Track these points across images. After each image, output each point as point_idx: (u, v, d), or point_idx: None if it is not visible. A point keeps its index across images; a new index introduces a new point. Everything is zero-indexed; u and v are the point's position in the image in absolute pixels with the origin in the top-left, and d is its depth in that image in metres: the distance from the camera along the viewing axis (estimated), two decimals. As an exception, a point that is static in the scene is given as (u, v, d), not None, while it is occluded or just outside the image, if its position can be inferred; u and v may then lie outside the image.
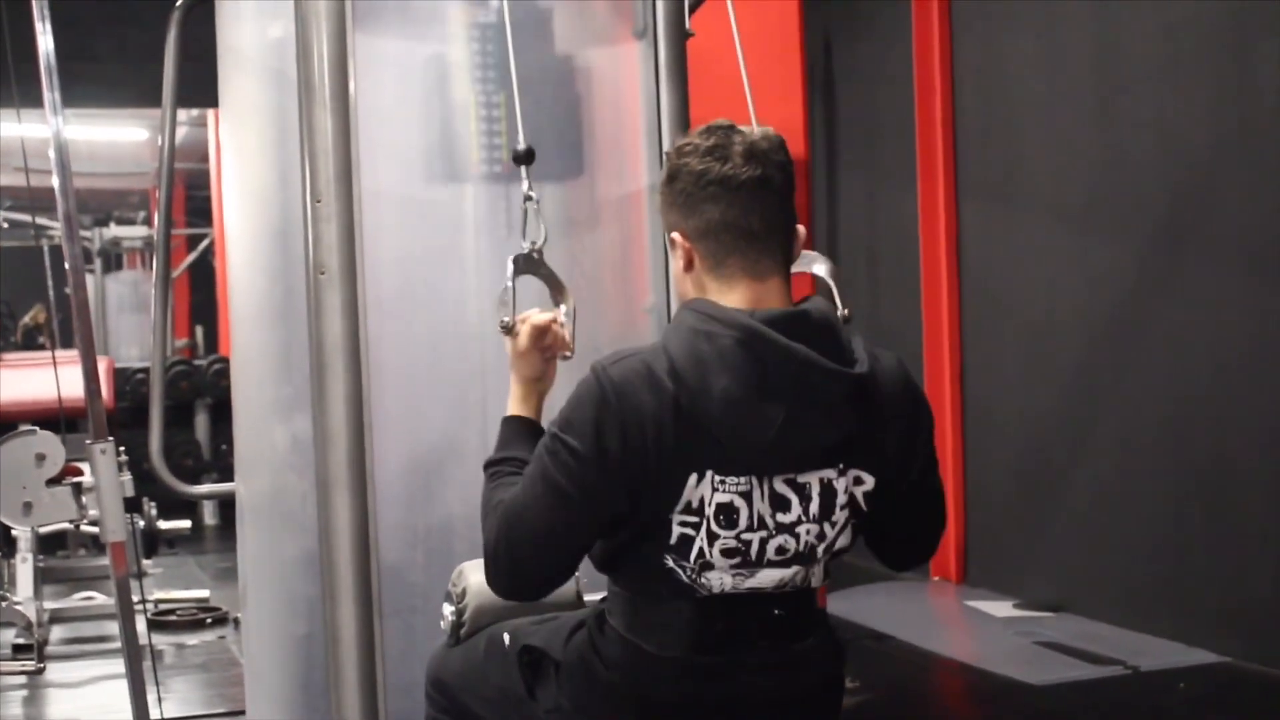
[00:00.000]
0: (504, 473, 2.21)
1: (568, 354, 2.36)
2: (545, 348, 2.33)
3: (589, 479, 2.01)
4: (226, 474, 8.22)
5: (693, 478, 2.00)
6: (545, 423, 2.23)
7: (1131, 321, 5.52)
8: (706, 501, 2.01)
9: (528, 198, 2.53)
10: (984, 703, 4.88)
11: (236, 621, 5.89)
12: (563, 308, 2.43)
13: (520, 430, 2.30)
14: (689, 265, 2.11)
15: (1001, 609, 5.94)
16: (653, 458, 1.99)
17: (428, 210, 3.20)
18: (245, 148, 3.39)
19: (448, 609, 2.52)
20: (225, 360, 10.17)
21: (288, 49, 2.88)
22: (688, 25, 3.33)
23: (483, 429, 3.12)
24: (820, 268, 2.53)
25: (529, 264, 2.49)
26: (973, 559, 6.53)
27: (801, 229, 2.15)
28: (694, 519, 2.02)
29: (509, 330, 2.33)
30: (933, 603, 6.42)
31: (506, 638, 2.34)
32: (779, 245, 2.10)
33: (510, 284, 2.39)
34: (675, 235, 2.12)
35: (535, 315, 2.34)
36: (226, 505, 7.09)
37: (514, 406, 2.33)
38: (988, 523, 6.45)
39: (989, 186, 6.41)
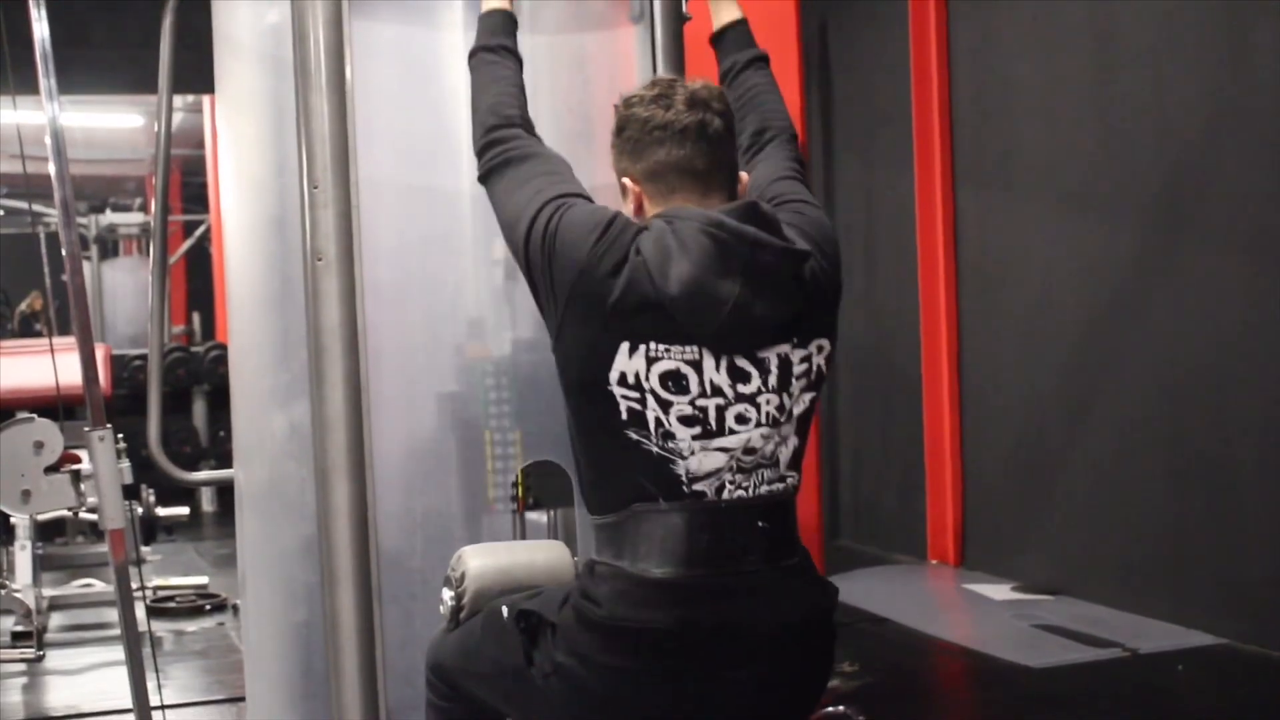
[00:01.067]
0: (496, 63, 2.54)
1: None
2: None
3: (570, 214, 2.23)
4: (224, 461, 8.24)
5: (624, 346, 2.14)
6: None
7: (1128, 304, 5.52)
8: (643, 375, 2.13)
9: None
10: (982, 685, 4.89)
11: (235, 608, 5.90)
12: None
13: (500, 20, 2.60)
14: (639, 208, 2.26)
15: (1000, 592, 5.95)
16: (596, 293, 2.14)
17: (425, 196, 3.19)
18: (242, 134, 3.38)
19: (447, 594, 2.53)
20: (222, 347, 10.18)
21: (284, 35, 2.87)
22: (685, 10, 3.33)
23: (482, 414, 3.13)
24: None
25: None
26: (971, 542, 6.54)
27: (745, 175, 2.32)
28: (634, 393, 2.14)
29: None
30: (931, 586, 6.44)
31: (504, 609, 2.37)
32: (724, 185, 2.25)
33: None
34: (625, 180, 2.27)
35: None
36: (224, 492, 7.11)
37: (489, 2, 2.62)
38: (986, 506, 6.46)
39: (985, 171, 6.41)
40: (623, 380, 2.14)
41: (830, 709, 4.20)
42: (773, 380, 2.18)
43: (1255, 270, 4.92)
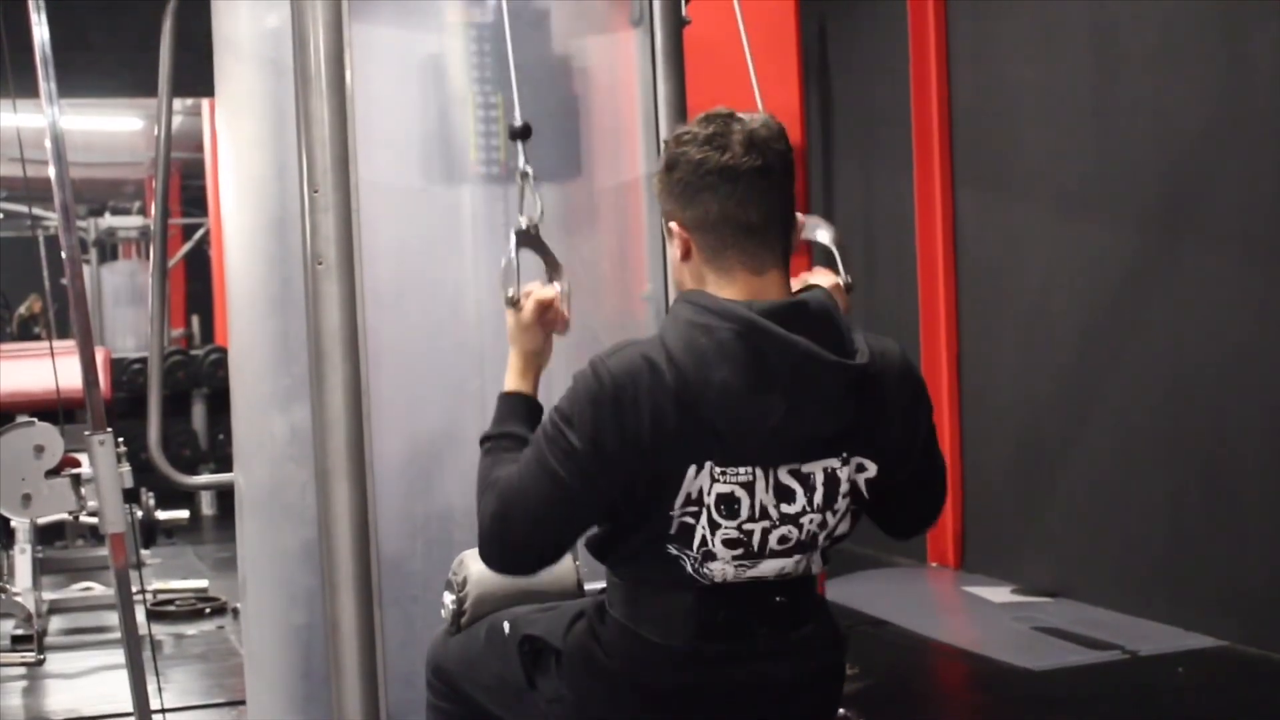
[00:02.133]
0: (501, 448, 2.18)
1: (564, 329, 2.35)
2: (547, 322, 2.31)
3: (587, 470, 2.00)
4: (223, 464, 8.24)
5: (691, 469, 1.99)
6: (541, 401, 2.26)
7: (1128, 306, 5.52)
8: (705, 491, 2.01)
9: (524, 174, 2.50)
10: (982, 688, 4.89)
11: (235, 611, 5.90)
12: (558, 285, 2.40)
13: (518, 406, 2.27)
14: (686, 254, 2.10)
15: (999, 594, 5.95)
16: (651, 451, 1.98)
17: (425, 200, 3.19)
18: (242, 138, 3.38)
19: (448, 598, 2.52)
20: (222, 350, 10.17)
21: (284, 38, 2.87)
22: (684, 13, 3.33)
23: (481, 418, 3.09)
24: (824, 234, 2.50)
25: (527, 239, 2.46)
26: (971, 544, 6.54)
27: (801, 217, 2.15)
28: (694, 509, 2.01)
29: (514, 304, 2.31)
30: (931, 588, 6.44)
31: (507, 626, 2.34)
32: (778, 238, 2.08)
33: (513, 257, 2.37)
34: (673, 225, 2.10)
35: (539, 289, 2.32)
36: (224, 495, 7.10)
37: (512, 381, 2.30)
38: (985, 508, 6.46)
39: (985, 172, 6.41)
40: (686, 500, 2.01)
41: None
42: (817, 499, 2.05)
43: (1255, 272, 4.92)
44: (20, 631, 5.61)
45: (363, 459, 2.74)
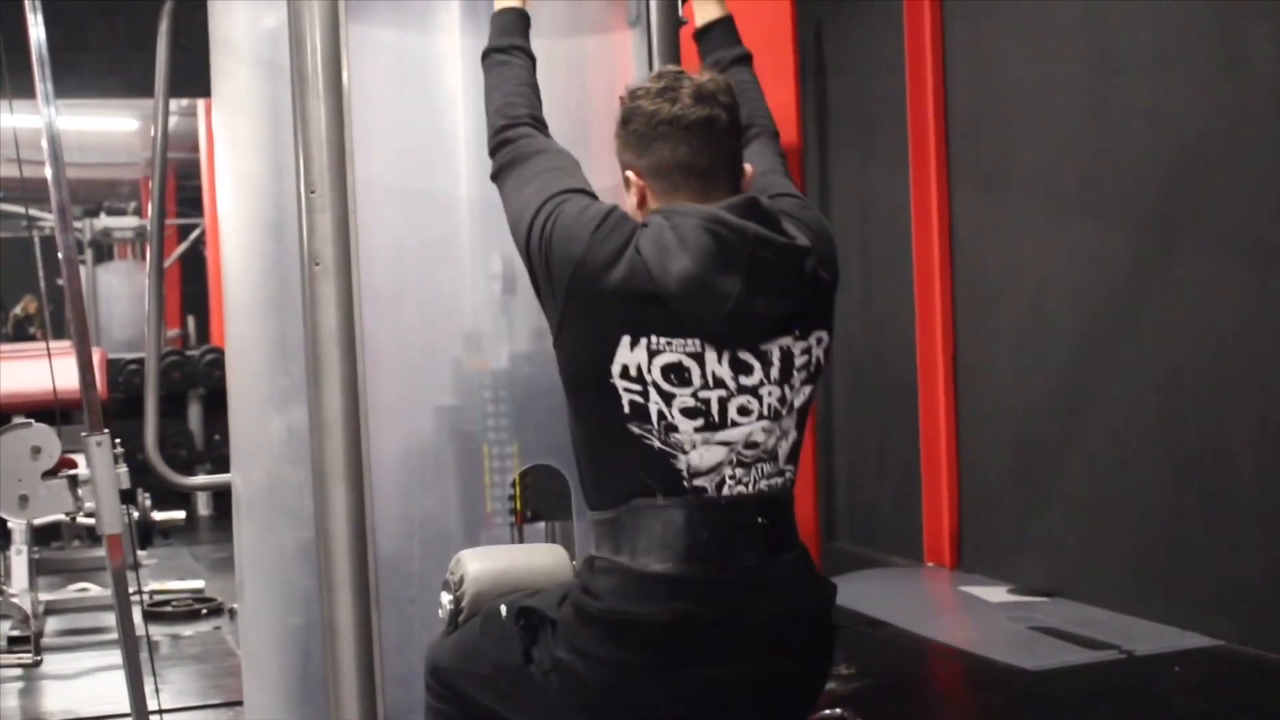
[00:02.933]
0: (507, 63, 2.53)
1: None
2: None
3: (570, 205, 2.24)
4: (219, 464, 8.23)
5: (626, 339, 2.14)
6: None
7: (1123, 307, 5.53)
8: (645, 367, 2.14)
9: None
10: (979, 688, 4.89)
11: (232, 612, 5.90)
12: None
13: (513, 20, 2.59)
14: (641, 202, 2.26)
15: (996, 594, 5.96)
16: (598, 288, 2.15)
17: (422, 200, 3.19)
18: (239, 139, 3.38)
19: (445, 597, 2.52)
20: (218, 350, 10.17)
21: (280, 39, 2.87)
22: (681, 14, 3.33)
23: (480, 418, 3.12)
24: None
25: None
26: (967, 544, 6.55)
27: (749, 167, 2.30)
28: (636, 385, 2.15)
29: None
30: (927, 588, 6.44)
31: (503, 608, 2.37)
32: (727, 181, 2.24)
33: None
34: (629, 174, 2.27)
35: None
36: (220, 496, 7.09)
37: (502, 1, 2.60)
38: (982, 508, 6.46)
39: (981, 172, 6.41)
40: (625, 373, 2.15)
41: (827, 711, 4.22)
42: (774, 372, 2.19)
43: (1250, 273, 4.92)
44: (17, 632, 5.61)
45: (360, 460, 2.75)
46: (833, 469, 7.63)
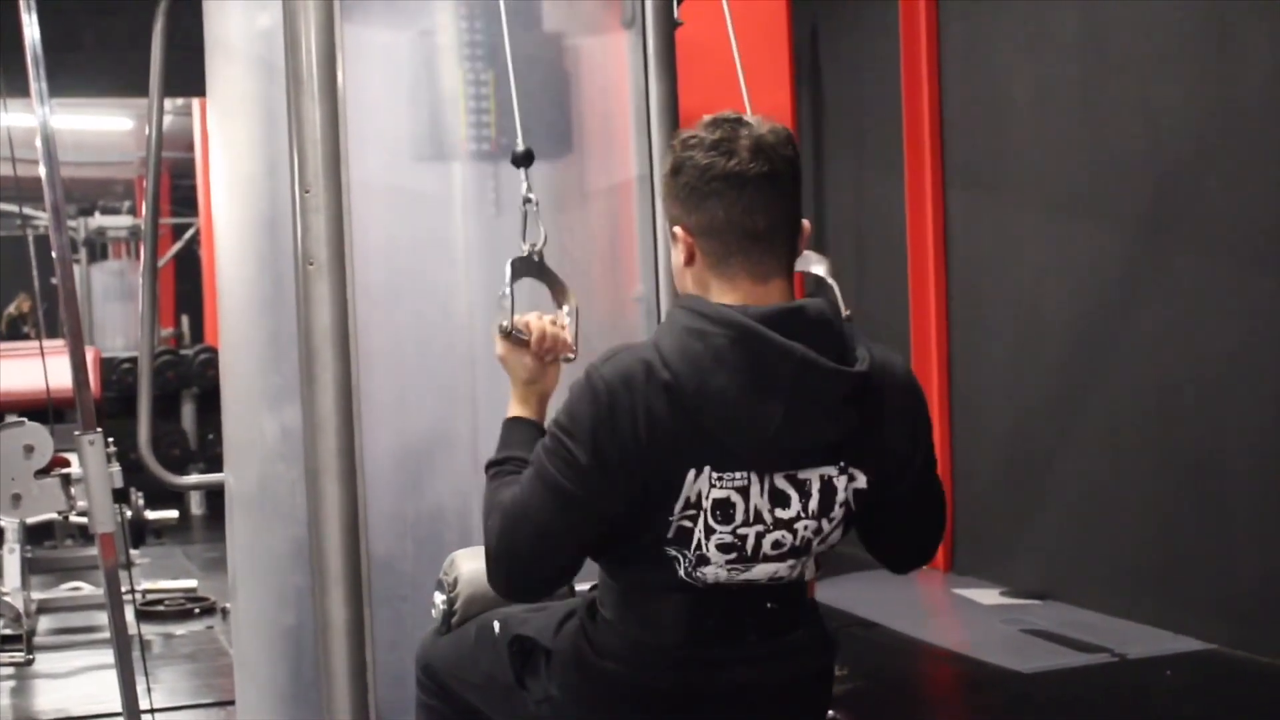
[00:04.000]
0: (506, 472, 2.17)
1: (570, 355, 2.31)
2: (546, 351, 2.29)
3: (589, 480, 1.99)
4: (213, 464, 8.23)
5: (691, 473, 1.98)
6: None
7: (1118, 309, 5.54)
8: (704, 495, 1.99)
9: (527, 200, 2.46)
10: (971, 690, 4.90)
11: (224, 611, 5.89)
12: (565, 308, 2.37)
13: (521, 431, 2.26)
14: (690, 260, 2.07)
15: (989, 597, 5.96)
16: (649, 457, 1.97)
17: (416, 200, 3.19)
18: (233, 138, 3.38)
19: (439, 598, 2.52)
20: (212, 350, 10.16)
21: (275, 39, 2.87)
22: (676, 14, 3.33)
23: (472, 418, 3.13)
24: (819, 268, 2.49)
25: (528, 267, 2.42)
26: (960, 547, 6.55)
27: (806, 224, 2.12)
28: (692, 512, 2.00)
29: (508, 335, 2.28)
30: (920, 591, 6.44)
31: (497, 626, 2.34)
32: (783, 245, 2.06)
33: (509, 289, 2.32)
34: (677, 229, 2.08)
35: (535, 319, 2.30)
36: (213, 495, 7.08)
37: (514, 408, 2.29)
38: (975, 511, 6.47)
39: (976, 175, 6.42)
40: (685, 504, 2.00)
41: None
42: (813, 505, 2.04)
43: (1245, 275, 4.93)
44: (9, 631, 5.60)
45: (353, 459, 2.75)
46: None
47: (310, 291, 2.74)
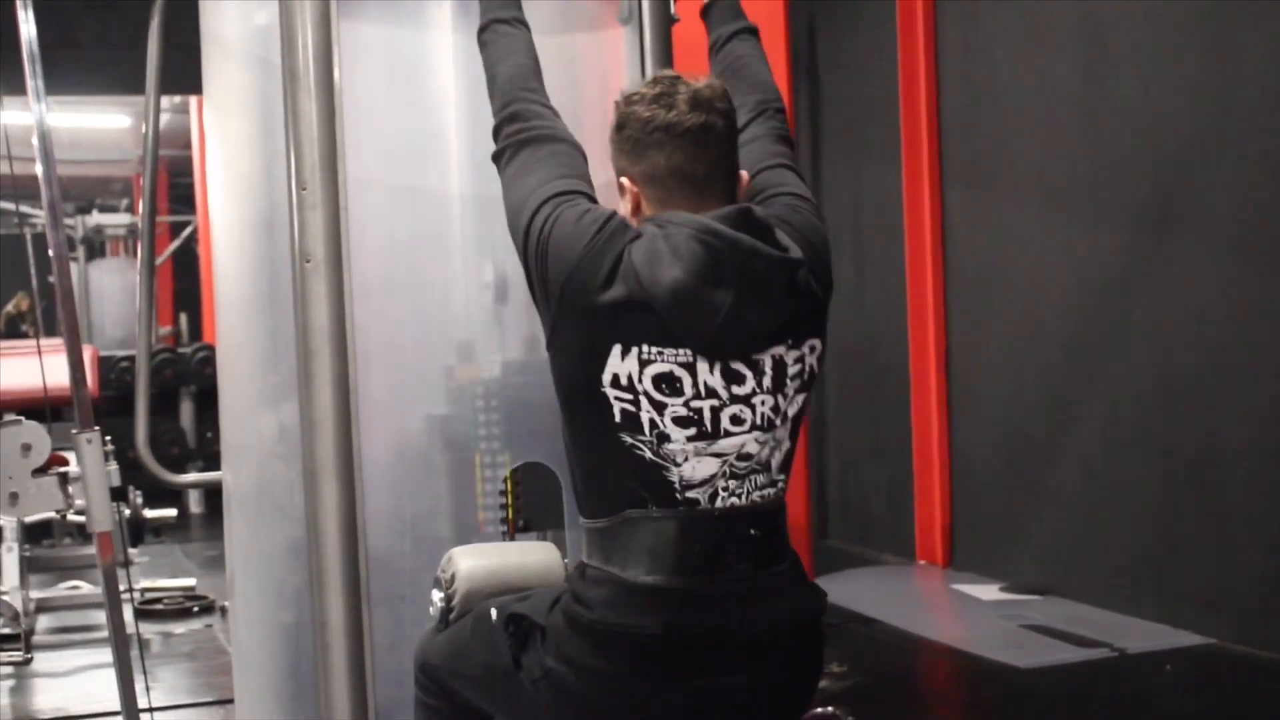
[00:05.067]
0: (511, 35, 2.52)
1: None
2: None
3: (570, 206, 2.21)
4: (211, 462, 8.23)
5: (617, 348, 2.12)
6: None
7: (1116, 304, 5.54)
8: (636, 377, 2.12)
9: None
10: (971, 685, 4.91)
11: (223, 610, 5.90)
12: None
13: None
14: (636, 209, 2.23)
15: (988, 592, 5.97)
16: (595, 304, 2.12)
17: (413, 197, 3.19)
18: (230, 136, 3.37)
19: (436, 595, 2.53)
20: (209, 348, 10.16)
21: (272, 36, 2.87)
22: (673, 11, 3.33)
23: (469, 417, 3.12)
24: None
25: None
26: (959, 543, 6.56)
27: (745, 174, 2.28)
28: (628, 394, 2.13)
29: None
30: (919, 586, 6.46)
31: (493, 611, 2.37)
32: (723, 189, 2.21)
33: None
34: (623, 180, 2.23)
35: None
36: (212, 493, 7.08)
37: None
38: (974, 506, 6.47)
39: (973, 170, 6.42)
40: (615, 382, 2.13)
41: (819, 709, 4.21)
42: (767, 381, 2.16)
43: (1243, 270, 4.93)
44: (8, 630, 5.60)
45: (351, 457, 2.75)
46: (825, 467, 7.64)
47: (308, 289, 2.74)
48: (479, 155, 3.20)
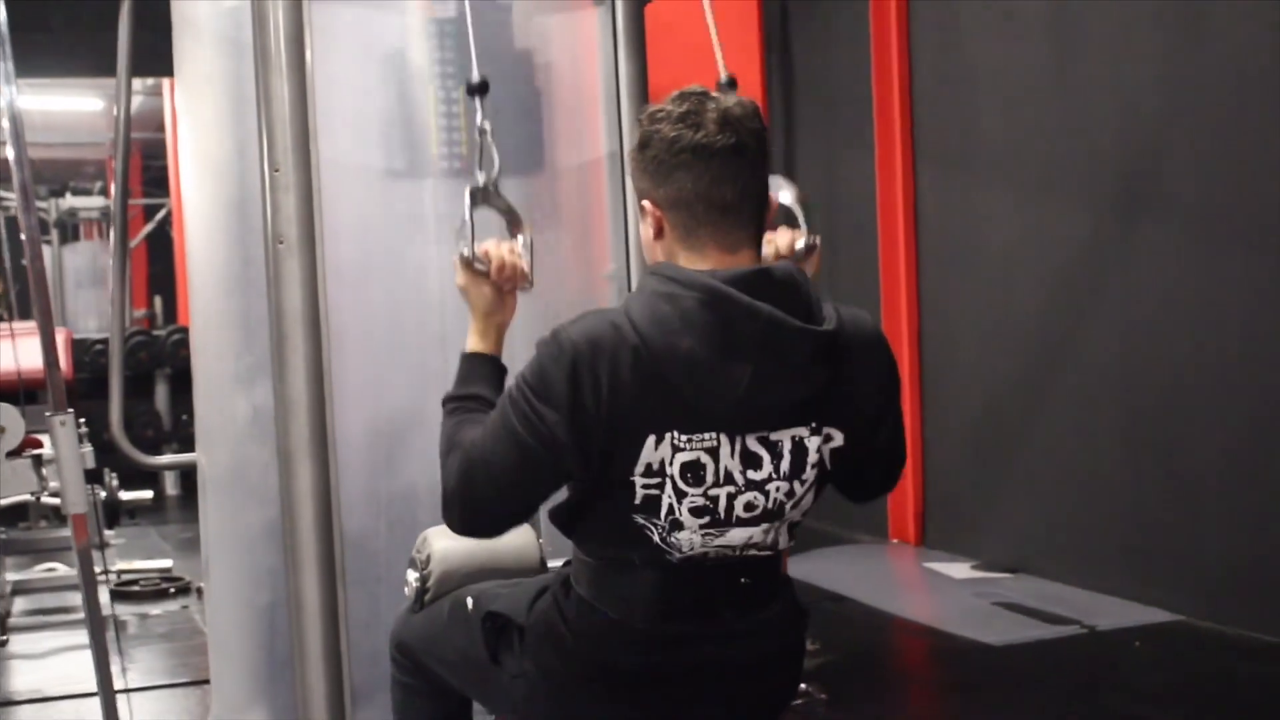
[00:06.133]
0: (466, 409, 2.18)
1: (527, 285, 2.32)
2: (505, 280, 2.30)
3: (551, 436, 2.00)
4: (187, 444, 8.20)
5: (650, 439, 1.98)
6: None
7: (1086, 286, 5.57)
8: (668, 462, 2.00)
9: (482, 131, 2.48)
10: (943, 662, 4.93)
11: (199, 591, 5.89)
12: (520, 239, 2.39)
13: (480, 367, 2.27)
14: (659, 233, 2.09)
15: (960, 570, 6.00)
16: (611, 417, 1.97)
17: (387, 178, 3.20)
18: (202, 117, 3.38)
19: (412, 575, 2.52)
20: (184, 330, 10.12)
21: (243, 18, 2.88)
22: (648, -9, 3.34)
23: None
24: (786, 194, 2.49)
25: (485, 196, 2.45)
26: (931, 521, 6.59)
27: (774, 198, 2.14)
28: (656, 480, 2.01)
29: (469, 264, 2.29)
30: (892, 564, 6.48)
31: (470, 602, 2.35)
32: (751, 216, 2.06)
33: (468, 217, 2.34)
34: (645, 203, 2.09)
35: (494, 247, 2.31)
36: (188, 475, 7.06)
37: (473, 343, 2.30)
38: (946, 485, 6.51)
39: (946, 151, 6.44)
40: (648, 470, 2.01)
41: (792, 687, 4.24)
42: (784, 466, 2.05)
43: (1214, 255, 4.97)
44: (-17, 613, 5.59)
45: (325, 439, 2.76)
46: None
47: (280, 271, 2.75)
48: (453, 136, 3.23)
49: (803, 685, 4.31)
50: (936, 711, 4.56)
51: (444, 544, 2.50)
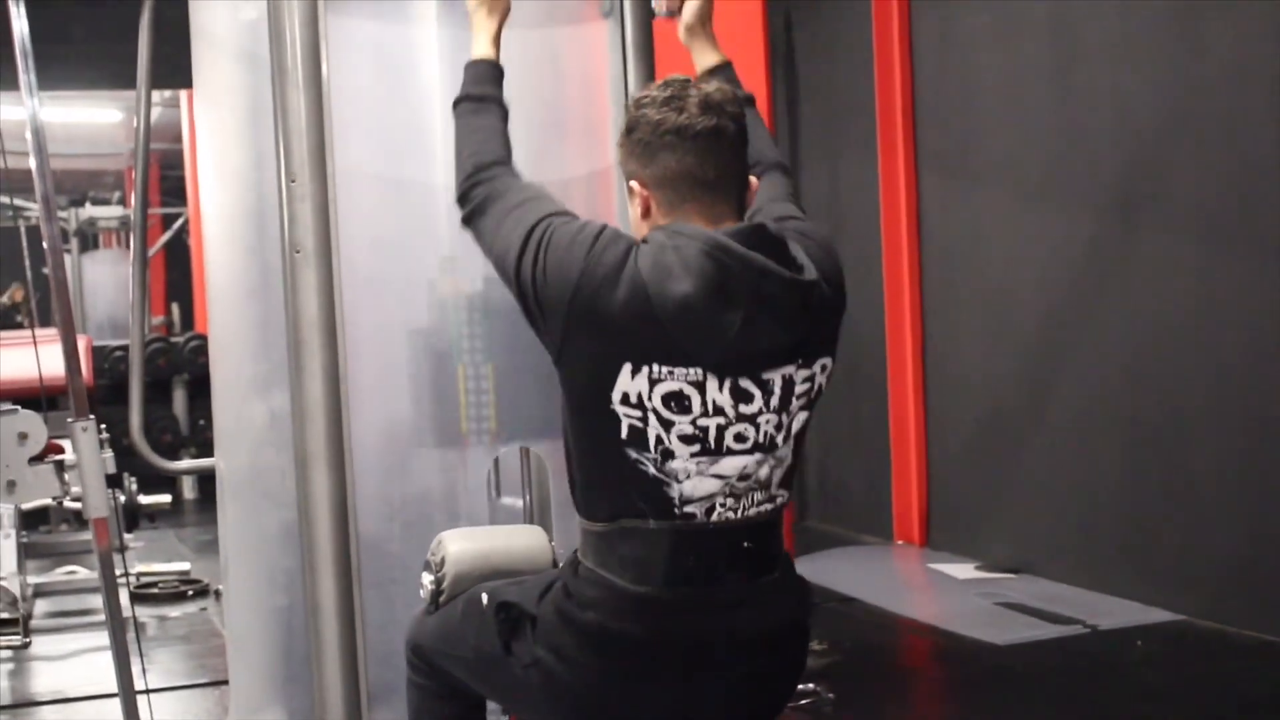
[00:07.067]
0: (479, 111, 2.46)
1: None
2: None
3: (549, 228, 2.19)
4: (204, 449, 8.26)
5: (627, 367, 2.10)
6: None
7: (1087, 290, 5.60)
8: (645, 395, 2.10)
9: None
10: (948, 662, 4.96)
11: (217, 593, 5.94)
12: None
13: (485, 71, 2.52)
14: (646, 212, 2.21)
15: (963, 571, 6.03)
16: (583, 318, 2.10)
17: (400, 188, 3.23)
18: (220, 129, 3.41)
19: (427, 578, 2.55)
20: (202, 337, 10.19)
21: (261, 31, 2.91)
22: (653, 6, 3.38)
23: (457, 402, 3.18)
24: None
25: None
26: (935, 523, 6.62)
27: (754, 180, 2.27)
28: (637, 411, 2.11)
29: None
30: (897, 566, 6.51)
31: (484, 596, 2.39)
32: (733, 193, 2.20)
33: None
34: (633, 184, 2.21)
35: None
36: (206, 479, 7.12)
37: (477, 49, 2.55)
38: (950, 487, 6.53)
39: (948, 158, 6.47)
40: (625, 400, 2.11)
41: (800, 687, 4.29)
42: (774, 400, 2.15)
43: (1211, 257, 5.00)
44: (6, 615, 5.62)
45: (341, 444, 2.79)
46: (804, 450, 7.68)
47: (297, 279, 2.78)
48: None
49: (810, 685, 4.36)
50: (941, 710, 4.59)
51: (458, 546, 2.54)
